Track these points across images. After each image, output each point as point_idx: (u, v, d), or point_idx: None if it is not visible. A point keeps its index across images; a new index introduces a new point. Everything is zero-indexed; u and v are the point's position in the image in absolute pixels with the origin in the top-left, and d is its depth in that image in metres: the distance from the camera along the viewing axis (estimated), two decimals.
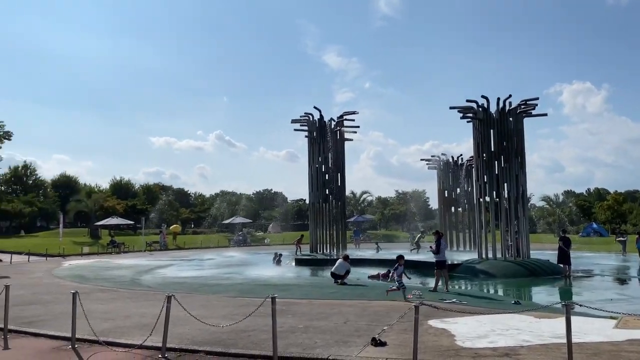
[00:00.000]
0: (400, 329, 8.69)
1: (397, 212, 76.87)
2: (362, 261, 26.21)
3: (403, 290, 13.14)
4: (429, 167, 35.72)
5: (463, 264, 22.71)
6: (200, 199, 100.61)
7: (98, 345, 8.18)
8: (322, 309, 11.33)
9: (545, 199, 75.39)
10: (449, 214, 34.38)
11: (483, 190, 23.51)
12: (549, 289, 18.54)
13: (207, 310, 11.08)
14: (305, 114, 31.24)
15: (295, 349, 7.51)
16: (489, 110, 23.66)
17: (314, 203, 30.87)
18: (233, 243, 52.08)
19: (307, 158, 31.39)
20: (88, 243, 46.07)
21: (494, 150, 23.30)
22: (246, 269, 25.68)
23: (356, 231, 49.83)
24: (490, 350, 7.22)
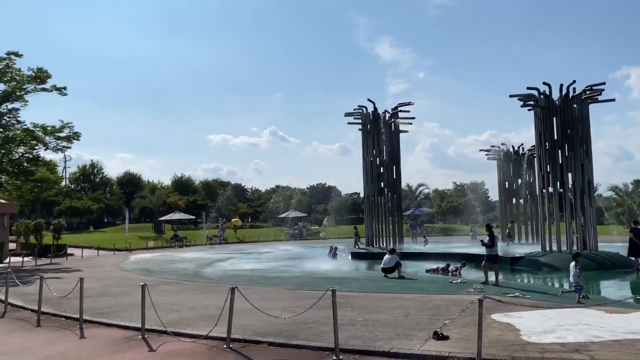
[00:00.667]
0: (462, 323, 8.54)
1: (455, 205, 75.29)
2: (419, 255, 25.92)
3: (579, 291, 11.88)
4: (489, 157, 34.75)
5: (526, 256, 21.99)
6: (256, 194, 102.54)
7: (166, 336, 8.52)
8: (380, 302, 11.29)
9: (613, 189, 71.58)
10: (510, 206, 33.34)
11: (546, 181, 22.63)
12: (619, 283, 17.67)
13: (268, 302, 11.29)
14: (359, 107, 31.09)
15: (356, 342, 7.53)
16: (552, 97, 22.73)
17: (369, 196, 30.74)
18: (289, 236, 52.75)
19: (361, 151, 31.27)
20: (152, 237, 48.00)
21: (557, 138, 22.36)
22: (303, 262, 25.97)
23: (413, 224, 49.22)
24: (558, 346, 6.97)
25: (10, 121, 28.81)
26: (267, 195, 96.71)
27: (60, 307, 11.71)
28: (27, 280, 16.85)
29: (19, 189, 32.65)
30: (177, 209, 62.17)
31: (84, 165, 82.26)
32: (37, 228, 34.82)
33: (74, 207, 63.97)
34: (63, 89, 29.30)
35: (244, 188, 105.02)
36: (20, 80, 27.91)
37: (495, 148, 34.27)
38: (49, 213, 65.83)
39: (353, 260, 27.10)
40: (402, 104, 31.04)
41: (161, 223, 57.48)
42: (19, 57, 27.93)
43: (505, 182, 33.34)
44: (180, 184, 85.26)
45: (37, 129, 29.55)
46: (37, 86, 28.48)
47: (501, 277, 19.07)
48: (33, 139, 29.06)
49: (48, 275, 16.88)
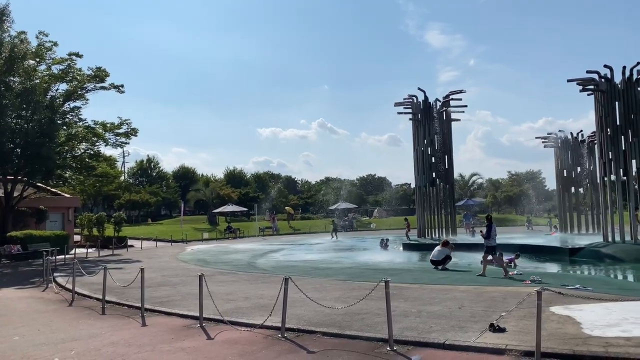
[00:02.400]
0: (519, 315, 8.32)
1: (510, 195, 73.16)
2: (473, 246, 25.38)
3: None
4: (545, 145, 33.53)
5: (586, 247, 21.15)
6: (306, 186, 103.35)
7: (223, 324, 8.77)
8: (434, 293, 11.16)
9: None
10: (569, 195, 32.08)
11: (608, 168, 21.63)
12: None
13: (320, 293, 11.39)
14: (409, 96, 30.68)
15: (410, 333, 7.49)
16: (613, 80, 21.64)
17: (421, 187, 30.35)
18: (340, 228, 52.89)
19: (412, 141, 30.88)
20: (207, 229, 49.34)
21: (620, 123, 21.30)
22: (354, 254, 26.02)
23: (466, 215, 48.25)
24: (623, 340, 6.67)
25: (73, 119, 30.22)
26: (317, 186, 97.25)
27: (123, 296, 12.26)
28: (91, 270, 17.73)
29: (82, 184, 34.29)
30: (230, 202, 63.59)
31: (141, 160, 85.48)
32: (99, 221, 36.52)
33: (133, 200, 66.56)
34: (120, 87, 30.44)
35: (294, 180, 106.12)
36: (81, 79, 29.19)
37: (553, 135, 33.02)
38: (110, 206, 68.87)
39: (405, 251, 26.89)
40: (454, 92, 30.39)
41: (215, 215, 58.96)
42: (79, 58, 29.21)
43: (564, 171, 32.09)
44: (232, 177, 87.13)
45: (97, 126, 30.90)
46: (96, 85, 29.70)
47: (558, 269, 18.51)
48: (94, 135, 30.42)
49: (110, 265, 17.70)
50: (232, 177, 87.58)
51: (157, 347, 7.62)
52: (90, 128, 30.57)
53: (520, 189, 70.41)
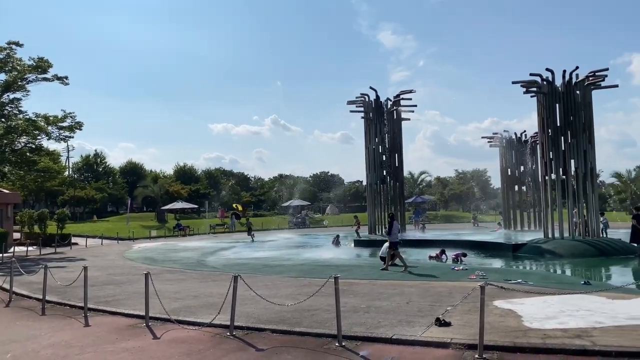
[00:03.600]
0: (464, 309, 8.57)
1: (457, 192, 75.27)
2: (421, 242, 25.99)
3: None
4: (491, 145, 34.66)
5: (528, 243, 22.02)
6: (259, 183, 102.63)
7: (170, 323, 8.58)
8: (383, 289, 11.34)
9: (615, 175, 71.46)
10: (513, 193, 33.31)
11: (549, 168, 22.56)
12: (622, 269, 17.68)
13: (271, 290, 11.35)
14: (361, 95, 31.00)
15: (358, 328, 7.58)
16: (554, 83, 22.58)
17: (372, 184, 30.75)
18: (292, 225, 52.90)
19: (364, 139, 31.23)
20: (155, 227, 48.21)
21: (560, 125, 22.26)
22: (306, 251, 26.07)
23: (416, 212, 49.31)
24: (560, 332, 6.99)
25: (12, 111, 28.79)
26: (270, 183, 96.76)
27: (65, 295, 11.80)
28: (31, 269, 16.94)
29: (22, 179, 32.70)
30: (180, 198, 62.36)
31: (87, 155, 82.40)
32: (41, 218, 34.96)
33: (78, 196, 64.18)
34: (64, 79, 29.23)
35: (246, 177, 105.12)
36: (21, 69, 27.83)
37: (498, 135, 34.18)
38: (53, 203, 66.07)
39: (356, 248, 27.18)
40: (404, 92, 30.94)
41: (164, 212, 57.70)
42: (19, 47, 27.86)
43: (508, 170, 33.28)
44: (182, 173, 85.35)
45: (39, 119, 29.54)
46: (38, 76, 28.39)
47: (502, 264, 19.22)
48: (35, 128, 29.04)
49: (52, 264, 17.01)
50: (182, 173, 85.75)
51: (100, 348, 7.38)
52: (31, 121, 29.16)
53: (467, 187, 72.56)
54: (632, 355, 5.94)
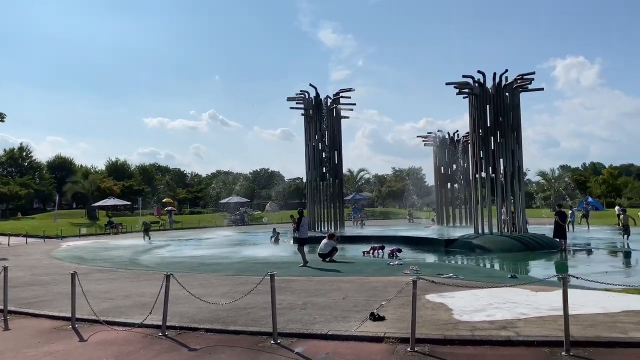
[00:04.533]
0: (398, 303, 8.76)
1: (393, 190, 76.99)
2: (359, 238, 26.37)
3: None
4: (425, 144, 35.68)
5: (459, 239, 22.85)
6: (196, 179, 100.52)
7: (98, 325, 8.22)
8: (320, 285, 11.40)
9: (541, 174, 75.65)
10: (445, 190, 34.45)
11: (479, 166, 23.50)
12: (545, 263, 18.69)
13: (206, 289, 11.13)
14: (301, 92, 31.01)
15: (294, 325, 7.57)
16: (485, 85, 23.52)
17: (311, 181, 30.87)
18: (230, 222, 52.22)
19: (304, 136, 31.28)
20: (86, 224, 46.13)
21: (490, 125, 23.22)
22: (244, 248, 25.80)
23: (355, 209, 49.98)
24: (487, 324, 7.29)
25: None
26: (207, 180, 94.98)
27: None
28: None
29: None
30: (112, 195, 59.99)
31: (11, 149, 77.53)
32: None
33: (1, 192, 60.27)
34: None
35: (183, 173, 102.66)
36: None
37: (432, 135, 35.24)
38: None
39: (295, 245, 27.14)
40: (343, 90, 31.24)
41: (95, 209, 55.30)
42: None
43: (441, 168, 34.39)
44: (115, 169, 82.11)
45: None
46: None
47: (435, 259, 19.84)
48: None
49: None
50: (115, 168, 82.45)
51: (21, 352, 6.96)
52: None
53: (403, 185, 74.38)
54: (552, 344, 6.27)
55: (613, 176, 78.97)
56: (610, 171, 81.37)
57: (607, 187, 76.97)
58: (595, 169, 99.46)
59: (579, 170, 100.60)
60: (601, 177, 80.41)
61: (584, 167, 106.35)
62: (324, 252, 16.95)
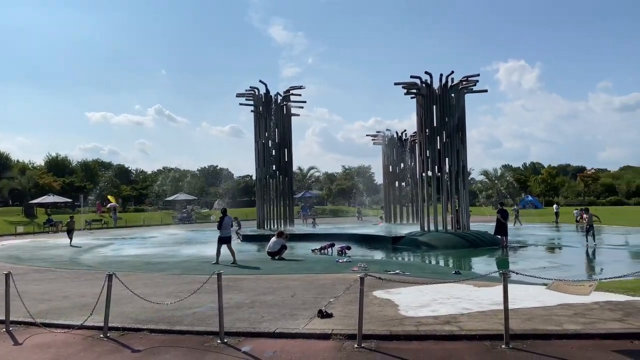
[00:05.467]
0: (346, 300, 8.83)
1: (343, 188, 77.68)
2: (309, 236, 26.42)
3: None
4: (374, 143, 36.16)
5: (406, 236, 23.30)
6: (141, 176, 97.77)
7: (35, 327, 7.84)
8: (269, 283, 11.34)
9: (484, 173, 78.39)
10: (393, 189, 35.05)
11: (426, 165, 24.05)
12: (487, 259, 19.37)
13: (151, 289, 10.85)
14: (251, 88, 30.75)
15: (242, 324, 7.49)
16: (432, 86, 24.07)
17: (261, 179, 30.68)
18: (177, 221, 51.16)
19: (253, 133, 31.03)
20: (23, 222, 43.90)
21: (436, 125, 23.80)
22: (191, 247, 25.32)
23: (304, 207, 50.05)
24: (432, 319, 7.47)
25: None
26: (153, 177, 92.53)
27: None
28: None
29: None
30: (52, 192, 57.41)
31: None
32: None
33: None
34: None
35: (127, 169, 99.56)
36: None
37: (381, 134, 35.75)
38: None
39: (244, 243, 26.92)
40: (294, 88, 31.21)
41: (32, 206, 52.75)
42: None
43: (389, 166, 34.96)
44: (55, 165, 78.66)
45: None
46: None
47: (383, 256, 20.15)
48: None
49: None
50: (55, 164, 78.94)
51: None
52: None
53: (352, 183, 75.21)
54: (493, 338, 6.50)
55: (551, 176, 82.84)
56: (548, 171, 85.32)
57: (545, 186, 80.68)
58: (535, 168, 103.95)
59: (519, 169, 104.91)
60: (540, 176, 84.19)
61: (524, 167, 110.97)
62: (273, 250, 16.89)
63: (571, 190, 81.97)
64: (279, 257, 16.70)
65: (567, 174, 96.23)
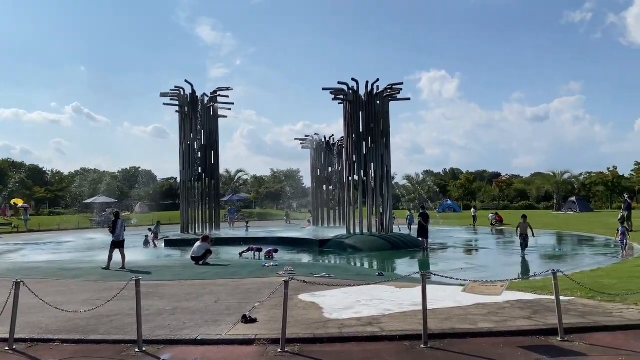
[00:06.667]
0: (271, 305, 8.79)
1: (272, 191, 77.39)
2: (235, 240, 26.08)
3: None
4: (303, 146, 36.38)
5: (333, 239, 23.60)
6: (57, 177, 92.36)
7: None
8: (192, 289, 11.06)
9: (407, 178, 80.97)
10: (321, 192, 35.41)
11: (352, 169, 24.50)
12: (410, 261, 19.99)
13: (65, 297, 10.24)
14: (176, 88, 29.93)
15: (162, 332, 7.24)
16: (359, 92, 24.58)
17: (186, 181, 29.91)
18: (95, 224, 48.76)
19: (178, 134, 30.21)
20: None
21: (362, 131, 24.32)
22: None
23: (231, 210, 49.35)
24: (355, 321, 7.59)
25: None
26: (70, 178, 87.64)
27: None
28: None
29: None
30: None
31: None
32: None
33: None
34: None
35: (41, 170, 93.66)
36: None
37: (309, 138, 36.04)
38: None
39: (167, 248, 26.11)
40: (221, 89, 30.74)
41: None
42: None
43: (318, 170, 35.30)
44: None
45: None
46: None
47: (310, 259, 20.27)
48: None
49: None
50: None
51: None
52: None
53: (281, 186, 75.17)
54: (413, 338, 6.70)
55: (469, 181, 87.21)
56: (466, 177, 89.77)
57: (464, 190, 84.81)
58: (454, 174, 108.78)
59: (440, 175, 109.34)
60: (459, 181, 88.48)
61: (444, 172, 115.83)
62: (198, 255, 16.50)
63: (487, 195, 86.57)
64: (203, 262, 16.33)
65: (484, 180, 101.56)
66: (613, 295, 8.85)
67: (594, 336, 6.69)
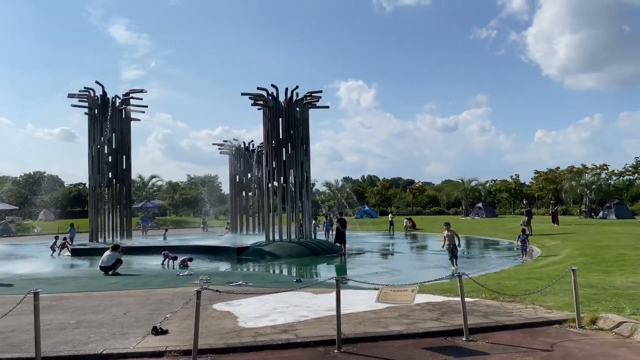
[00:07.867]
0: (184, 315, 8.52)
1: (188, 197, 75.37)
2: (148, 249, 25.08)
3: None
4: (221, 152, 35.78)
5: (251, 246, 23.37)
6: None
7: None
8: (99, 301, 10.48)
9: (326, 185, 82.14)
10: (240, 199, 34.98)
11: (272, 176, 24.45)
12: (327, 266, 20.24)
13: None
14: (85, 89, 28.40)
15: (64, 347, 6.78)
16: (278, 99, 24.63)
17: (95, 187, 28.39)
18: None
19: (87, 138, 28.64)
20: None
21: (282, 137, 24.37)
22: (9, 263, 22.38)
23: (144, 217, 47.43)
24: (270, 328, 7.54)
25: None
26: None
27: None
28: None
29: None
30: None
31: None
32: None
33: None
34: None
35: None
36: None
37: (228, 143, 35.53)
38: None
39: (74, 257, 24.60)
40: (134, 91, 29.56)
41: None
42: None
43: (236, 176, 34.85)
44: None
45: None
46: None
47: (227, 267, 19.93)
48: None
49: None
50: None
51: None
52: None
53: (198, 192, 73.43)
54: (327, 343, 6.76)
55: (385, 187, 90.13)
56: (383, 183, 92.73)
57: (380, 197, 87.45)
58: (371, 181, 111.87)
59: (358, 181, 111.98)
60: (376, 188, 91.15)
61: (362, 179, 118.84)
62: (107, 264, 15.72)
63: (402, 201, 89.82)
64: (113, 272, 15.57)
65: (399, 187, 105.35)
66: (513, 296, 9.46)
67: (496, 335, 7.10)
